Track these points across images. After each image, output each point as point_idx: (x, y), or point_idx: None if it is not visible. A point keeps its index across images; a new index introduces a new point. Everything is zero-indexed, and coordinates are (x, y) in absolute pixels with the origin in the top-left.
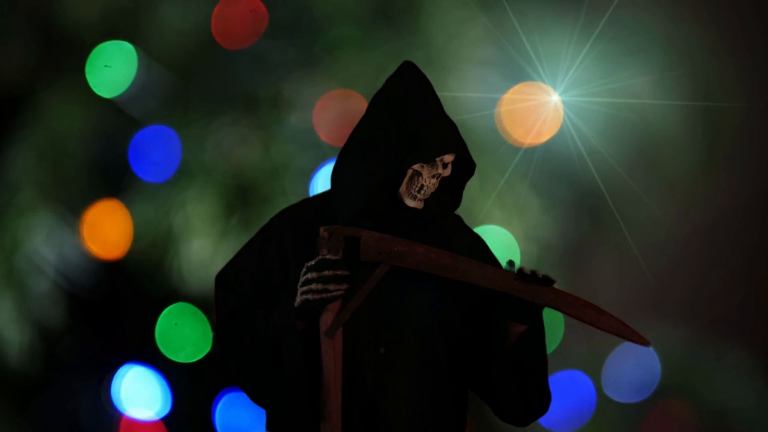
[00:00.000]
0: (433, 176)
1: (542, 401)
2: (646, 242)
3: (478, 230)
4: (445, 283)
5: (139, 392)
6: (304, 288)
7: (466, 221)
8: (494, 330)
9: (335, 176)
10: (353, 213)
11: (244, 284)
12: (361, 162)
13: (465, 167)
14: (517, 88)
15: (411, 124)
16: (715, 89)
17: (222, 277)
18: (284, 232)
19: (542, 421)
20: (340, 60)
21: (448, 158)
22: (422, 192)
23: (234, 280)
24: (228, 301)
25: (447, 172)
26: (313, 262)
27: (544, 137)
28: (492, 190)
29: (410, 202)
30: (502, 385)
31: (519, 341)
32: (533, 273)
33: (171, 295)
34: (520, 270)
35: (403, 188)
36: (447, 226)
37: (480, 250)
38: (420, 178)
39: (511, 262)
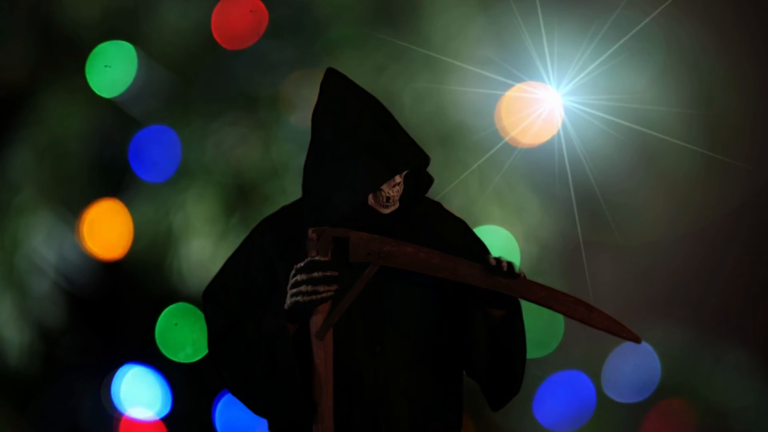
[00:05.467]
0: (394, 186)
1: (511, 384)
2: (646, 242)
3: (478, 230)
4: (439, 278)
5: (139, 392)
6: (294, 290)
7: (467, 221)
8: (473, 315)
9: (304, 189)
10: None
11: (232, 298)
12: (323, 188)
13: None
14: (516, 88)
15: (356, 153)
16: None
17: (209, 293)
18: (266, 240)
19: (542, 420)
20: (340, 60)
21: None
22: (390, 201)
23: (222, 295)
24: (218, 316)
25: (405, 171)
26: (302, 264)
27: (544, 138)
28: (492, 190)
29: (384, 211)
30: (484, 369)
31: (498, 325)
32: (498, 263)
33: (171, 295)
34: (486, 261)
35: (371, 201)
36: (427, 215)
37: (461, 231)
38: (382, 192)
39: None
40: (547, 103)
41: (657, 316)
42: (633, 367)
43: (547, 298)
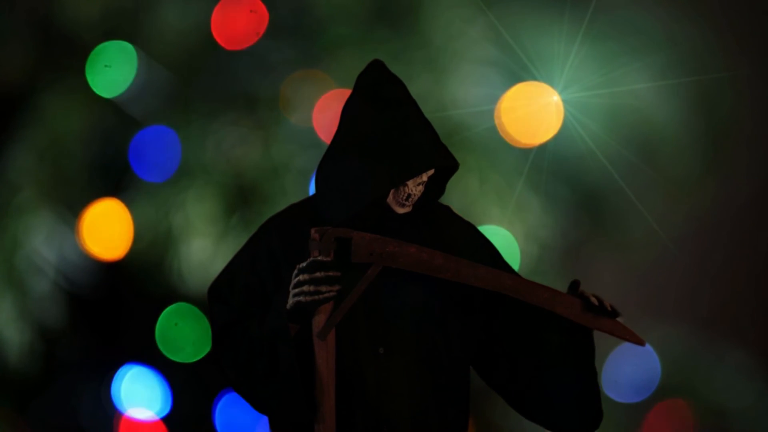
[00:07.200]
0: (419, 184)
1: (593, 417)
2: (646, 242)
3: None
4: (442, 280)
5: (139, 392)
6: (296, 290)
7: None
8: (536, 339)
9: (321, 183)
10: (342, 220)
11: (237, 295)
12: (347, 178)
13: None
14: (516, 88)
15: (393, 142)
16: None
17: (215, 290)
18: (273, 239)
19: None
20: (340, 60)
21: None
22: (410, 200)
23: (227, 292)
24: (223, 313)
25: (431, 172)
26: (304, 264)
27: (546, 136)
28: (492, 190)
29: (399, 210)
30: (550, 398)
31: (567, 357)
32: (601, 303)
33: (171, 295)
34: (586, 299)
35: (390, 198)
36: (436, 219)
37: (470, 235)
38: (406, 188)
39: (575, 283)
40: (547, 103)
41: (657, 316)
42: (633, 367)
43: (550, 299)
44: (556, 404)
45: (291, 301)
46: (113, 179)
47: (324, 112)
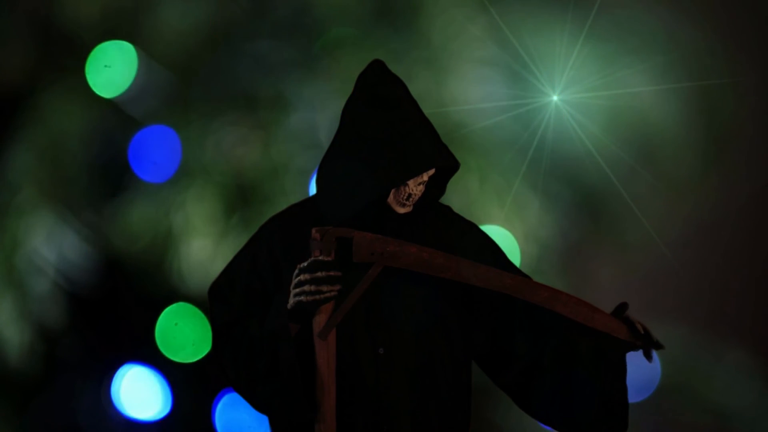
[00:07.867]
0: (419, 183)
1: (617, 427)
2: (646, 242)
3: None
4: (443, 280)
5: (139, 392)
6: (297, 290)
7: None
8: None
9: (321, 183)
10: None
11: (238, 295)
12: (348, 178)
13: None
14: (519, 86)
15: (394, 141)
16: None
17: (215, 289)
18: (274, 239)
19: None
20: (340, 60)
21: None
22: (410, 199)
23: (228, 291)
24: (223, 313)
25: (432, 172)
26: (305, 264)
27: (544, 137)
28: (492, 190)
29: (400, 209)
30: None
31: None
32: (647, 332)
33: (171, 295)
34: (632, 324)
35: (391, 198)
36: (437, 219)
37: (471, 235)
38: (406, 188)
39: (623, 306)
40: (547, 103)
41: (657, 316)
42: (633, 367)
43: (551, 298)
44: (577, 411)
45: (292, 300)
46: (113, 179)
47: (324, 112)
